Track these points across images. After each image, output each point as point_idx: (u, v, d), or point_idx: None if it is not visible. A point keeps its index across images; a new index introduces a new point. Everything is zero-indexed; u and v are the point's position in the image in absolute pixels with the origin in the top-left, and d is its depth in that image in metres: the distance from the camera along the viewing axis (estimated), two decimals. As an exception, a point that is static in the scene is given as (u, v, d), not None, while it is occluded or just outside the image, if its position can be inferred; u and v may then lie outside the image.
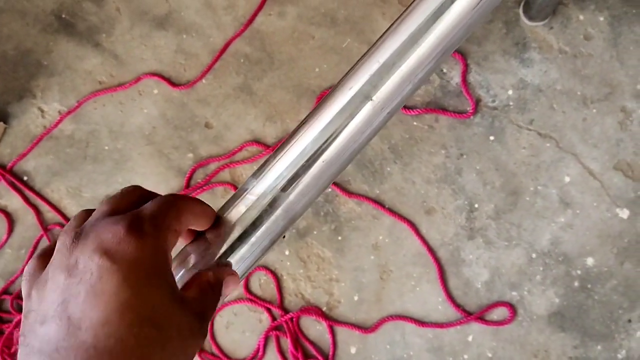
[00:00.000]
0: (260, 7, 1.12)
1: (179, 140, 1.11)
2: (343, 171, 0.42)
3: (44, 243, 1.12)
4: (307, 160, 0.39)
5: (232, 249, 0.37)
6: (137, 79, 1.12)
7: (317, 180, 0.39)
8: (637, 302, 0.99)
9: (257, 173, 0.39)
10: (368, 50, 0.40)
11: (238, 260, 0.37)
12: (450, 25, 0.39)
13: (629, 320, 0.99)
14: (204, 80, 1.12)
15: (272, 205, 0.37)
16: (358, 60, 0.40)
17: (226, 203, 0.37)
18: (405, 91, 0.41)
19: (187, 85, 1.12)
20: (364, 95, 0.39)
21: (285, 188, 0.36)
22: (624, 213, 1.00)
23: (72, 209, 1.11)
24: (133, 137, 1.12)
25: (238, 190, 0.37)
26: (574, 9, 1.05)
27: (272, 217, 0.37)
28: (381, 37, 0.40)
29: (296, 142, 0.38)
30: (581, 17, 1.05)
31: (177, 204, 0.29)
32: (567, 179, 1.03)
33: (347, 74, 0.40)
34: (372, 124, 0.40)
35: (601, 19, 1.05)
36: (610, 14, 1.05)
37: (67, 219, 1.11)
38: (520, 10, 1.07)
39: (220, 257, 0.35)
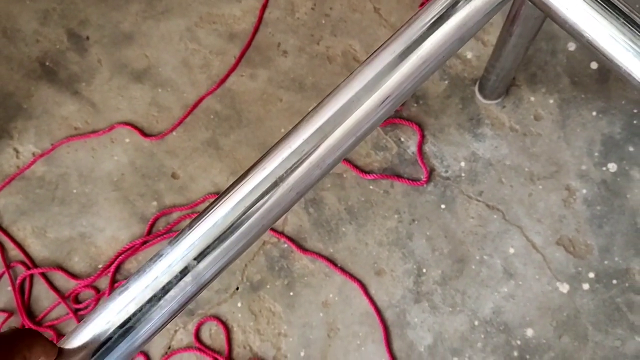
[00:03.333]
0: (233, 68, 1.37)
1: (145, 188, 1.33)
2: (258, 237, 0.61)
3: (5, 280, 1.32)
4: (222, 233, 0.51)
5: (141, 311, 0.48)
6: (111, 127, 1.35)
7: (227, 251, 0.51)
8: (573, 375, 1.17)
9: (173, 241, 0.51)
10: (283, 137, 0.60)
11: (146, 323, 0.48)
12: (358, 119, 0.62)
13: (565, 393, 1.17)
14: (174, 133, 1.36)
15: (183, 272, 0.49)
16: (275, 145, 0.59)
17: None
18: (314, 175, 0.63)
19: (158, 137, 1.35)
20: (275, 177, 0.60)
21: (197, 257, 0.49)
22: (564, 287, 1.21)
23: (36, 247, 1.31)
24: (101, 182, 1.34)
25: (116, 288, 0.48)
26: (526, 91, 1.30)
27: (181, 283, 0.49)
28: (296, 125, 0.61)
29: (210, 216, 0.51)
30: (532, 99, 1.29)
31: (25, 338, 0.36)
32: (511, 251, 1.24)
33: (262, 157, 0.60)
34: (280, 204, 0.59)
35: (551, 101, 1.29)
36: (560, 97, 1.29)
37: (29, 257, 1.31)
38: (476, 89, 1.31)
39: None
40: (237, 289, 1.23)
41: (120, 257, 1.24)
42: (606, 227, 1.18)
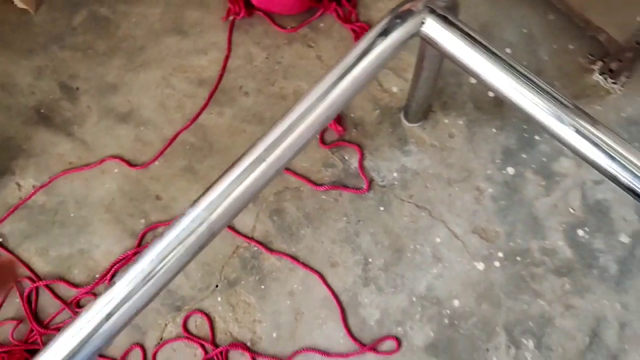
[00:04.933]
0: (203, 108, 1.76)
1: (133, 209, 1.68)
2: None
3: (14, 293, 1.61)
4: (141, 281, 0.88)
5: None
6: (101, 161, 1.71)
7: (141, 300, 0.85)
8: (492, 335, 1.56)
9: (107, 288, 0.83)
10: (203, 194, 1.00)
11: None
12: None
13: (487, 350, 1.55)
14: (156, 163, 1.72)
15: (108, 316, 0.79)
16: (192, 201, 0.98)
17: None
18: (269, 175, 1.03)
19: (143, 166, 1.71)
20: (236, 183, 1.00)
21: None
22: (480, 266, 1.61)
23: (40, 265, 1.61)
24: (95, 206, 1.68)
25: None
26: (441, 115, 1.75)
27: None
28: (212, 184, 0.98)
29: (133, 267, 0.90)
30: (446, 121, 1.75)
31: None
32: (438, 240, 1.64)
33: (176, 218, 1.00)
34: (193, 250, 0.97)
35: (460, 122, 1.74)
36: (467, 118, 1.75)
37: (34, 272, 1.62)
38: (402, 115, 1.75)
39: None
40: (217, 286, 1.58)
41: (115, 267, 1.57)
42: (509, 216, 1.61)
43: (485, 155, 1.60)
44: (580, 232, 1.53)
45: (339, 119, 1.63)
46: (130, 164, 1.63)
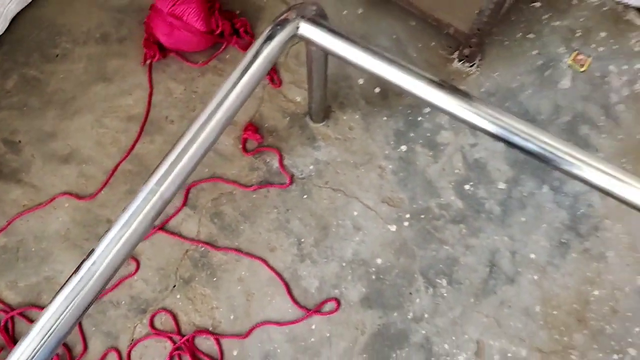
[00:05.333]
0: (137, 140, 2.06)
1: (88, 234, 1.92)
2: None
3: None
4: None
5: None
6: (52, 199, 1.95)
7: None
8: (412, 281, 1.91)
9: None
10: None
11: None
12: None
13: (410, 293, 1.89)
14: (102, 192, 1.98)
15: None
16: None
17: None
18: (184, 174, 1.36)
19: (90, 197, 1.96)
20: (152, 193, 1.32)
21: None
22: (393, 227, 1.97)
23: (11, 296, 1.78)
24: (53, 238, 1.91)
25: None
26: (339, 113, 2.12)
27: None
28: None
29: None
30: (344, 117, 2.12)
31: None
32: (355, 213, 1.99)
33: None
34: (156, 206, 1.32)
35: (356, 116, 2.12)
36: (362, 112, 2.13)
37: (7, 304, 1.82)
38: (307, 119, 2.12)
39: None
40: (174, 286, 1.85)
41: (81, 285, 1.81)
42: (409, 184, 1.99)
43: (381, 139, 1.97)
44: (466, 187, 1.92)
45: (256, 130, 1.96)
46: (78, 197, 1.88)
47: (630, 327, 1.70)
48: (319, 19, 1.24)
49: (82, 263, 0.95)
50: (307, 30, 1.24)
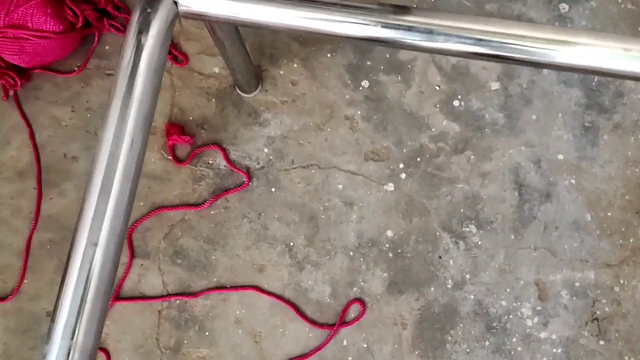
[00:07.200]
0: (39, 198, 1.57)
1: (32, 341, 1.47)
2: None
3: None
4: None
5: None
6: (-33, 315, 1.49)
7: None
8: (436, 241, 1.54)
9: None
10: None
11: None
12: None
13: (440, 257, 1.54)
14: (26, 281, 1.51)
15: None
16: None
17: None
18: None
19: (14, 294, 1.50)
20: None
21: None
22: (390, 186, 1.57)
23: None
24: (-10, 363, 1.47)
25: None
26: (274, 69, 1.64)
27: None
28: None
29: None
30: (281, 72, 1.64)
31: None
32: (340, 187, 1.57)
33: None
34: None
35: (295, 65, 1.64)
36: (299, 58, 1.65)
37: None
38: (238, 91, 1.65)
39: None
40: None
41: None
42: (388, 126, 1.56)
43: (336, 83, 1.54)
44: (455, 103, 1.53)
45: (181, 129, 1.50)
46: (0, 299, 1.43)
47: None
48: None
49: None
50: (193, 2, 0.79)
